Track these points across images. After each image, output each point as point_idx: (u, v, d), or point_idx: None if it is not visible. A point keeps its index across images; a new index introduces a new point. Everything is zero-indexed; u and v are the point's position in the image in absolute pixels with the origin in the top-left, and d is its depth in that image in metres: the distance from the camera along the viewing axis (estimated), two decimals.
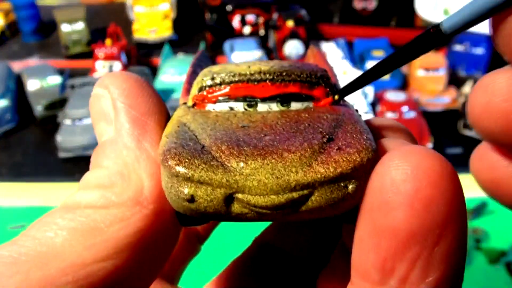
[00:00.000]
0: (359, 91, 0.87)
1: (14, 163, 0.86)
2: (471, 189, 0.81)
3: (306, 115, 0.17)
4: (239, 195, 0.15)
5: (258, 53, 1.06)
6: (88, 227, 0.15)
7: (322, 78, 0.18)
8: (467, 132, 0.86)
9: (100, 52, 1.04)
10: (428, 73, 0.95)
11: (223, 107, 0.18)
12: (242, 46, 1.08)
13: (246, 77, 0.17)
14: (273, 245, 0.24)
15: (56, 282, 0.14)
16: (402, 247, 0.13)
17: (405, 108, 0.86)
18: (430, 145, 0.80)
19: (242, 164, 0.15)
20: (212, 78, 0.18)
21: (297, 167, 0.15)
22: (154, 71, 1.01)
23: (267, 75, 0.17)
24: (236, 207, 0.15)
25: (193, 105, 0.18)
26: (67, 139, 0.84)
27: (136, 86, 0.17)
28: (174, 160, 0.15)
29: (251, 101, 0.17)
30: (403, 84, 0.98)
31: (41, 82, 0.99)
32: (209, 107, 0.18)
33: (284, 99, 0.17)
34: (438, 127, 0.87)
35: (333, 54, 1.02)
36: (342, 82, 0.19)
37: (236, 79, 0.17)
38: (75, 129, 0.86)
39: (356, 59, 1.05)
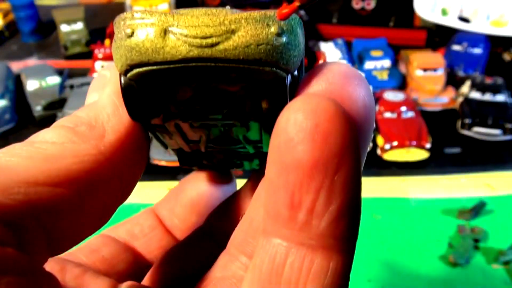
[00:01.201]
0: None
1: None
2: (470, 188, 0.82)
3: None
4: (174, 28, 0.16)
5: None
6: (42, 155, 0.16)
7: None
8: (466, 132, 0.86)
9: (99, 52, 1.04)
10: (426, 73, 0.95)
11: None
12: None
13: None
14: (208, 229, 0.25)
15: (9, 190, 0.15)
16: (307, 178, 0.14)
17: (403, 108, 0.86)
18: (428, 145, 0.80)
19: (181, 11, 0.17)
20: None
21: (228, 11, 0.16)
22: None
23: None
24: (171, 40, 0.16)
25: None
26: None
27: None
28: (124, 13, 0.17)
29: None
30: (402, 84, 0.98)
31: (40, 82, 0.99)
32: None
33: None
34: (437, 126, 0.87)
35: (331, 54, 1.02)
36: None
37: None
38: None
39: (355, 59, 1.05)
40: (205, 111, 0.19)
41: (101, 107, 0.19)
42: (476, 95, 0.89)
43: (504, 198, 0.75)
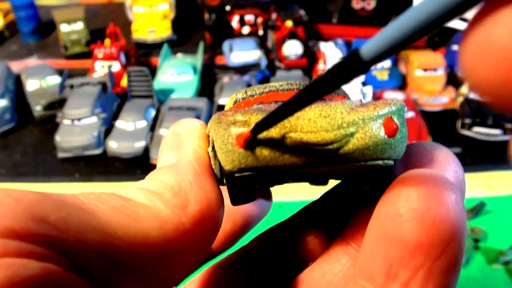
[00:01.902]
0: (358, 91, 0.87)
1: (13, 163, 0.86)
2: (470, 189, 0.82)
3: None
4: (292, 134, 0.16)
5: (257, 53, 1.06)
6: (128, 211, 0.16)
7: (340, 90, 0.19)
8: (466, 132, 0.86)
9: (99, 52, 1.04)
10: (426, 73, 0.95)
11: None
12: (241, 46, 1.08)
13: (276, 88, 0.19)
14: (256, 252, 0.24)
15: (86, 234, 0.15)
16: (408, 255, 0.15)
17: None
18: None
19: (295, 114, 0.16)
20: (245, 92, 0.19)
21: (342, 110, 0.16)
22: (153, 71, 1.01)
23: (294, 85, 0.19)
24: (290, 148, 0.16)
25: None
26: (66, 139, 0.84)
27: (202, 131, 0.20)
28: (231, 112, 0.16)
29: None
30: (402, 84, 0.98)
31: (40, 82, 0.99)
32: None
33: None
34: (437, 126, 0.87)
35: (331, 54, 1.02)
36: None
37: (267, 90, 0.19)
38: (74, 129, 0.86)
39: None
40: (307, 180, 0.20)
41: (182, 173, 0.18)
42: (476, 95, 0.89)
43: (504, 198, 0.75)
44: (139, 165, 0.84)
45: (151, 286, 0.17)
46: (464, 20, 1.08)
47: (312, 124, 0.16)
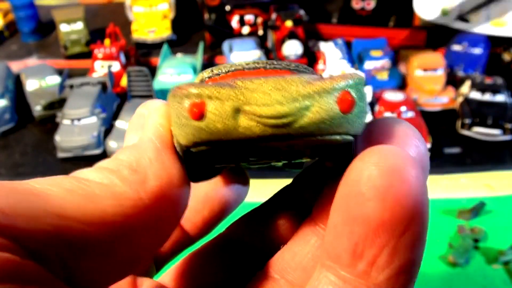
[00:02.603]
0: None
1: (12, 163, 0.86)
2: (470, 189, 0.82)
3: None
4: (246, 107, 0.16)
5: (257, 53, 1.06)
6: (83, 192, 0.16)
7: (307, 69, 0.19)
8: (465, 132, 0.86)
9: (99, 52, 1.04)
10: (426, 73, 0.95)
11: None
12: (241, 46, 1.08)
13: (242, 67, 0.19)
14: (234, 239, 0.25)
15: (40, 218, 0.14)
16: (372, 234, 0.15)
17: (403, 108, 0.86)
18: (428, 145, 0.80)
19: (247, 82, 0.16)
20: (211, 71, 0.19)
21: (297, 83, 0.16)
22: (153, 71, 1.01)
23: (261, 64, 0.19)
24: (243, 121, 0.16)
25: None
26: (66, 139, 0.84)
27: (165, 111, 0.19)
28: (185, 85, 0.16)
29: None
30: (402, 84, 0.98)
31: (40, 82, 0.99)
32: None
33: None
34: (437, 126, 0.87)
35: (331, 54, 1.02)
36: None
37: (233, 68, 0.19)
38: (73, 129, 0.86)
39: (355, 59, 1.05)
40: (267, 163, 0.19)
41: (142, 150, 0.18)
42: (476, 95, 0.89)
43: (504, 198, 0.75)
44: None
45: (114, 267, 0.17)
46: (464, 20, 1.08)
47: (266, 97, 0.16)
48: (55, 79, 0.99)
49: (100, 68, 1.04)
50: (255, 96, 0.16)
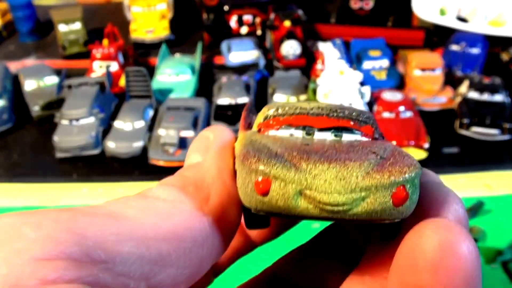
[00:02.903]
0: (356, 91, 0.87)
1: (10, 163, 0.86)
2: (469, 188, 0.82)
3: (358, 142, 0.20)
4: (307, 192, 0.17)
5: (255, 53, 1.06)
6: (154, 211, 0.18)
7: (369, 119, 0.21)
8: (464, 132, 0.86)
9: (97, 52, 1.04)
10: (424, 73, 0.95)
11: (285, 133, 0.21)
12: (239, 46, 1.08)
13: (306, 111, 0.21)
14: (281, 277, 0.25)
15: (124, 242, 0.16)
16: None
17: (401, 108, 0.86)
18: (426, 145, 0.80)
19: (311, 166, 0.18)
20: (277, 109, 0.21)
21: (357, 173, 0.17)
22: (151, 71, 1.01)
23: (324, 110, 0.21)
24: (303, 202, 0.17)
25: (258, 131, 0.21)
26: (64, 139, 0.84)
27: (229, 138, 0.22)
28: (254, 158, 0.18)
29: (309, 130, 0.21)
30: (400, 84, 0.98)
31: (38, 82, 0.99)
32: (272, 132, 0.21)
33: (338, 131, 0.21)
34: (435, 126, 0.87)
35: (330, 54, 1.02)
36: (340, 83, 0.21)
37: (298, 111, 0.21)
38: (72, 129, 0.86)
39: (353, 59, 1.05)
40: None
41: (206, 169, 0.20)
42: (474, 95, 0.89)
43: (502, 198, 0.75)
44: (137, 165, 0.84)
45: (182, 277, 0.18)
46: (462, 20, 1.08)
47: (327, 185, 0.17)
48: (53, 79, 0.99)
49: (99, 68, 1.04)
50: (316, 182, 0.17)
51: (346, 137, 0.21)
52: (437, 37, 1.13)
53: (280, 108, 0.21)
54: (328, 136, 0.21)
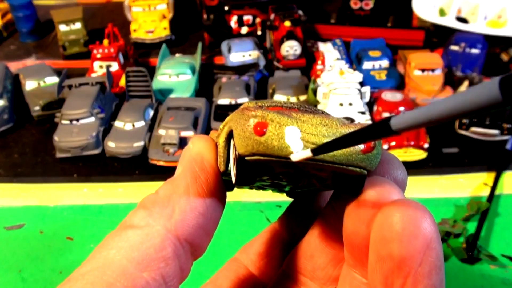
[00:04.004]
0: (356, 91, 0.87)
1: (11, 163, 0.86)
2: (468, 188, 0.81)
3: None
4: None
5: (255, 53, 1.06)
6: (128, 245, 0.21)
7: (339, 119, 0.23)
8: (463, 132, 0.86)
9: (97, 52, 1.04)
10: (424, 74, 0.95)
11: None
12: (239, 46, 1.08)
13: (281, 104, 0.24)
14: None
15: (114, 284, 0.19)
16: (397, 268, 0.19)
17: (401, 108, 0.86)
18: (426, 145, 0.81)
19: (300, 115, 0.21)
20: (256, 103, 0.24)
21: (336, 122, 0.21)
22: (151, 71, 1.01)
23: (295, 105, 0.24)
24: None
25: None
26: (64, 139, 0.84)
27: (209, 149, 0.24)
28: (253, 108, 0.22)
29: None
30: (400, 84, 0.98)
31: (38, 82, 0.99)
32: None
33: None
34: (435, 127, 0.87)
35: (330, 54, 1.02)
36: (340, 83, 0.24)
37: (273, 104, 0.24)
38: (72, 129, 0.86)
39: (353, 59, 1.05)
40: (291, 181, 0.24)
41: (176, 185, 0.23)
42: None
43: (502, 198, 0.75)
44: (137, 165, 0.84)
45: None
46: (462, 20, 1.08)
47: (314, 128, 0.21)
48: (54, 79, 0.99)
49: (99, 68, 1.04)
50: (305, 126, 0.21)
51: None
52: (437, 37, 1.13)
53: (258, 102, 0.24)
54: None
